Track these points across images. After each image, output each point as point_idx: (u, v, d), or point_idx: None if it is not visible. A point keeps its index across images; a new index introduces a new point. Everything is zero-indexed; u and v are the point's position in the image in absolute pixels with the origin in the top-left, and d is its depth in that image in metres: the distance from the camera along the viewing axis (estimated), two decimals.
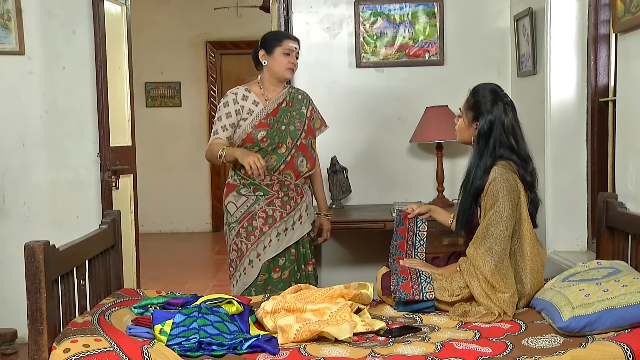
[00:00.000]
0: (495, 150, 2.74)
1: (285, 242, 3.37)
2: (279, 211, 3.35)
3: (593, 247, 3.40)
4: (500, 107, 2.75)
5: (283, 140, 3.34)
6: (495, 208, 2.66)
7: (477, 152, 2.78)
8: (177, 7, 8.18)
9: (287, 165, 3.35)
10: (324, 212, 3.61)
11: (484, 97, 2.78)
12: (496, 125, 2.74)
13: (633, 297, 2.34)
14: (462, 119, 2.85)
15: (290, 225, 3.38)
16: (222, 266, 6.36)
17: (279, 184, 3.35)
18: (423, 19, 4.39)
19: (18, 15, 4.15)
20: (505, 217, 2.66)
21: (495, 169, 2.72)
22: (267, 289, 3.32)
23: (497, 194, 2.67)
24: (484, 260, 2.64)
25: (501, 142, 2.74)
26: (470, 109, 2.81)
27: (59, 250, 2.46)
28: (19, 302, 2.97)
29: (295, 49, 3.38)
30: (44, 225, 4.27)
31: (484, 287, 2.64)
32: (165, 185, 8.27)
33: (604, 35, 3.45)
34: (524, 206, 2.74)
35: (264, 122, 3.33)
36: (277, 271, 3.37)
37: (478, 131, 2.77)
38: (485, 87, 2.82)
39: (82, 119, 4.29)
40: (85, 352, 2.20)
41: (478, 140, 2.78)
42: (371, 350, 2.31)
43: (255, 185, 3.34)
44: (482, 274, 2.64)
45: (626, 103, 2.98)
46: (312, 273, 3.49)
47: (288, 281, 3.35)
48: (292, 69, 3.38)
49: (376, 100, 4.44)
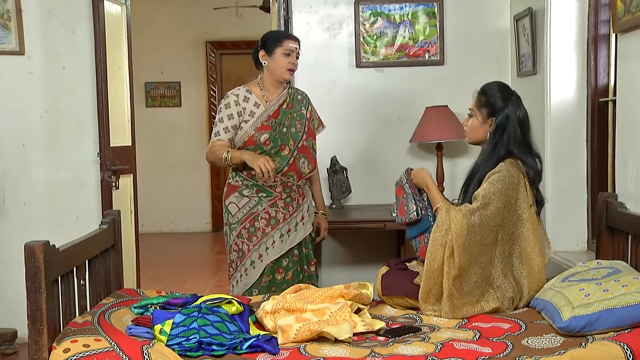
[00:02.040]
0: (509, 144, 2.78)
1: (289, 244, 3.37)
2: (282, 212, 3.35)
3: (593, 247, 3.40)
4: (514, 102, 2.81)
5: (286, 143, 3.34)
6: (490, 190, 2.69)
7: (490, 146, 2.81)
8: (177, 7, 8.18)
9: (290, 167, 3.35)
10: (321, 210, 3.61)
11: (496, 94, 2.82)
12: (511, 119, 2.78)
13: (633, 297, 2.34)
14: (474, 118, 2.87)
15: (294, 227, 3.38)
16: (222, 266, 6.36)
17: (281, 185, 3.35)
18: (423, 19, 4.39)
19: (18, 15, 4.15)
20: (495, 206, 2.68)
21: (502, 164, 2.75)
22: (271, 290, 3.32)
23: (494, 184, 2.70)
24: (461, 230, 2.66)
25: (516, 136, 2.78)
26: (484, 106, 2.84)
27: (59, 250, 2.46)
28: (19, 302, 2.97)
29: (296, 49, 3.36)
30: (44, 225, 4.27)
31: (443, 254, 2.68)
32: (165, 185, 8.27)
33: (604, 35, 3.45)
34: (524, 206, 2.73)
35: (266, 124, 3.33)
36: (280, 272, 3.37)
37: (495, 126, 2.80)
38: (492, 85, 2.88)
39: (82, 119, 4.29)
40: (85, 352, 2.20)
41: (494, 135, 2.81)
42: (371, 350, 2.31)
43: (258, 187, 3.34)
44: (450, 242, 2.67)
45: (626, 103, 2.98)
46: (314, 273, 3.50)
47: (292, 282, 3.34)
48: (292, 69, 3.36)
49: (376, 100, 4.44)
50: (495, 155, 2.78)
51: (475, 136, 2.90)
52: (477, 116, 2.86)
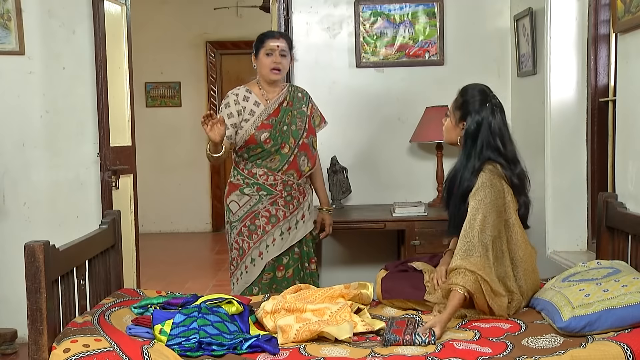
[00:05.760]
0: (483, 151, 2.69)
1: (289, 241, 3.38)
2: (282, 210, 3.36)
3: (593, 247, 3.40)
4: (488, 109, 2.70)
5: (286, 141, 3.34)
6: (482, 214, 2.60)
7: (464, 153, 2.74)
8: (177, 7, 8.18)
9: (291, 165, 3.36)
10: (325, 207, 3.61)
11: (473, 97, 2.73)
12: (483, 126, 2.69)
13: (633, 297, 2.34)
14: (449, 119, 2.81)
15: (294, 225, 3.39)
16: (222, 266, 6.37)
17: (282, 183, 3.35)
18: (423, 19, 4.39)
19: (18, 15, 4.15)
20: (491, 223, 2.61)
21: (482, 174, 2.66)
22: (272, 287, 3.34)
23: (484, 199, 2.62)
24: (486, 269, 2.56)
25: (489, 143, 2.69)
26: (458, 109, 2.76)
27: (59, 250, 2.46)
28: (19, 302, 2.97)
29: (278, 47, 3.31)
30: (44, 225, 4.27)
31: (490, 295, 2.56)
32: (165, 185, 8.27)
33: (604, 35, 3.45)
34: (512, 211, 2.70)
35: (266, 123, 3.33)
36: (281, 270, 3.38)
37: (465, 131, 2.73)
38: (474, 87, 2.78)
39: (82, 119, 4.29)
40: (85, 352, 2.20)
41: (465, 140, 2.74)
42: (371, 350, 2.31)
43: (259, 185, 3.34)
44: (488, 284, 2.55)
45: (626, 103, 2.97)
46: (315, 271, 3.51)
47: (292, 279, 3.37)
48: (276, 69, 3.32)
49: (376, 100, 4.44)
50: (471, 165, 2.68)
51: (449, 137, 2.84)
52: (451, 117, 2.80)
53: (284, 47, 3.34)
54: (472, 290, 2.54)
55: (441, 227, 3.18)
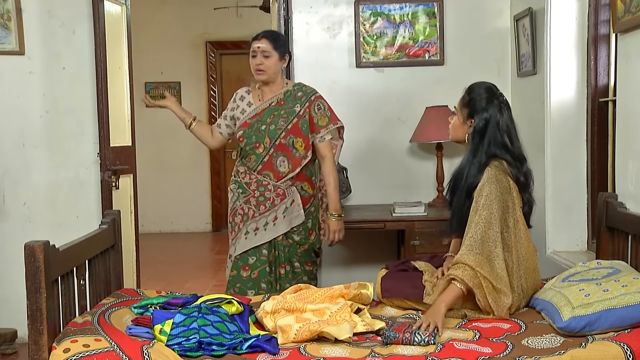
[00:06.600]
0: (490, 148, 2.70)
1: (254, 242, 3.34)
2: (253, 210, 3.36)
3: (593, 247, 3.40)
4: (496, 106, 2.72)
5: (261, 140, 3.34)
6: (487, 210, 2.61)
7: (471, 150, 2.75)
8: (177, 7, 8.18)
9: (265, 166, 3.33)
10: (331, 212, 3.46)
11: (479, 95, 2.75)
12: (491, 123, 2.70)
13: (633, 297, 2.34)
14: (457, 117, 2.83)
15: (262, 226, 3.35)
16: (222, 266, 6.35)
17: (256, 183, 3.35)
18: (423, 19, 4.39)
19: (18, 15, 4.15)
20: (498, 219, 2.62)
21: (488, 169, 2.67)
22: (235, 286, 3.32)
23: (490, 195, 2.63)
24: (490, 266, 2.57)
25: (495, 140, 2.70)
26: (465, 107, 2.78)
27: (59, 250, 2.46)
28: (19, 302, 2.97)
29: (259, 48, 3.30)
30: (44, 225, 4.27)
31: (491, 293, 2.57)
32: (166, 185, 8.27)
33: (604, 35, 3.45)
34: (517, 208, 2.71)
35: (248, 121, 3.38)
36: (246, 270, 3.35)
37: (473, 128, 2.73)
38: (480, 85, 2.80)
39: (82, 119, 4.29)
40: (85, 352, 2.20)
41: (473, 137, 2.75)
42: (371, 350, 2.31)
43: (239, 183, 3.41)
44: (488, 281, 2.56)
45: (626, 103, 2.97)
46: (284, 276, 3.38)
47: (257, 281, 3.33)
48: (259, 70, 3.31)
49: (376, 100, 4.44)
50: (477, 161, 2.70)
51: (456, 135, 2.85)
52: (458, 115, 2.81)
53: (265, 47, 3.30)
54: (471, 285, 2.55)
55: (441, 227, 3.18)
